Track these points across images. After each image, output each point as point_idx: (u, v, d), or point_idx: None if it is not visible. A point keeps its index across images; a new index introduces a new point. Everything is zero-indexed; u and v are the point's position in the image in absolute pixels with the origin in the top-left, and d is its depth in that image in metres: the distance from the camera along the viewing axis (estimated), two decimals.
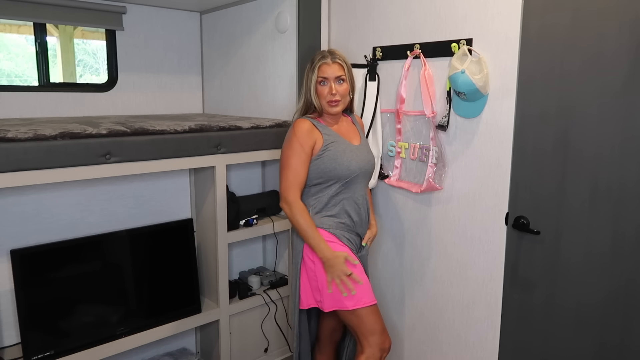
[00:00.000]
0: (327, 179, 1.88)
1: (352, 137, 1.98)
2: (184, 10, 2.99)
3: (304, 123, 1.88)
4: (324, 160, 1.87)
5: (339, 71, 1.86)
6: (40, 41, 2.56)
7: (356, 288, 1.85)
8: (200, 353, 2.68)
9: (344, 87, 1.88)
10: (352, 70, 1.95)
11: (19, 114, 2.47)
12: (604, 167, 1.58)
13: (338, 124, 1.97)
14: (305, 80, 1.91)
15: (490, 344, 1.95)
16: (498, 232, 1.87)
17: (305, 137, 1.86)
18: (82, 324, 2.09)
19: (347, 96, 1.92)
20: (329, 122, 1.95)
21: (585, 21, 1.57)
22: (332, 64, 1.86)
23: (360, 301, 1.86)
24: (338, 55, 1.89)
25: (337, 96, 1.86)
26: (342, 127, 1.99)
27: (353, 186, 1.91)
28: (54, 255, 2.06)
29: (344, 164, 1.86)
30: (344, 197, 1.91)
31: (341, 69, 1.87)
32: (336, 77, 1.86)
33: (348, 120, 2.04)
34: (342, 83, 1.88)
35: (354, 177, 1.90)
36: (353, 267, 1.87)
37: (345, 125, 2.00)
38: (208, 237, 2.43)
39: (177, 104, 3.03)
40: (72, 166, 1.82)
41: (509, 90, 1.76)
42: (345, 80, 1.89)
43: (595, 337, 1.66)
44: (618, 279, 1.59)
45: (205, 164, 2.23)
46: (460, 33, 1.90)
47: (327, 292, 1.87)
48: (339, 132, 1.95)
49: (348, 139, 1.95)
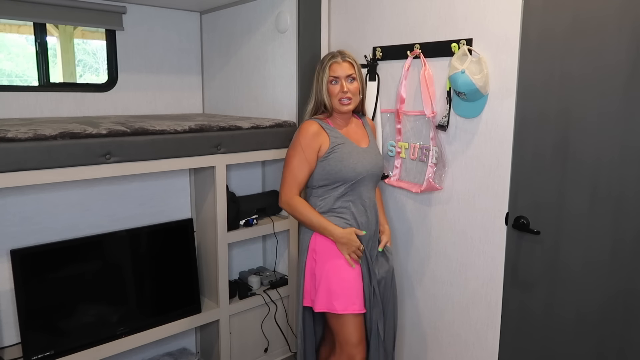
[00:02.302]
0: (333, 180, 1.89)
1: (361, 140, 1.99)
2: (184, 10, 2.99)
3: (310, 125, 1.90)
4: (330, 162, 1.88)
5: (349, 70, 1.89)
6: (40, 41, 2.56)
7: (350, 292, 1.87)
8: (200, 353, 2.68)
9: (355, 86, 1.90)
10: (362, 70, 1.96)
11: (19, 114, 2.47)
12: (604, 166, 1.58)
13: (347, 126, 1.98)
14: (316, 80, 1.93)
15: (490, 344, 1.95)
16: (498, 232, 1.87)
17: (309, 140, 1.87)
18: (82, 324, 2.09)
19: (357, 95, 1.93)
20: (339, 123, 1.96)
21: (585, 21, 1.57)
22: (342, 62, 1.88)
23: (349, 307, 1.87)
24: (348, 55, 1.92)
25: (349, 94, 1.88)
26: (351, 129, 1.99)
27: (359, 188, 1.92)
28: (54, 255, 2.06)
29: (350, 165, 1.87)
30: (351, 199, 1.91)
31: (352, 68, 1.89)
32: (347, 76, 1.88)
33: (358, 123, 2.05)
34: (353, 82, 1.90)
35: (361, 180, 1.90)
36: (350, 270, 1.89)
37: (354, 127, 2.01)
38: (208, 237, 2.43)
39: (177, 104, 3.03)
40: (72, 166, 1.82)
41: (509, 90, 1.76)
42: (356, 79, 1.91)
43: (595, 336, 1.66)
44: (618, 279, 1.59)
45: (205, 164, 2.23)
46: (460, 33, 1.90)
47: (320, 293, 1.89)
48: (347, 134, 1.95)
49: (356, 141, 1.96)
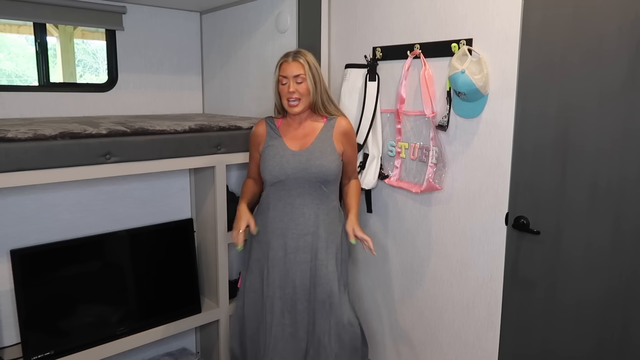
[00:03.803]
0: (262, 178, 2.01)
1: (300, 142, 1.95)
2: (184, 10, 2.99)
3: (257, 124, 2.04)
4: (261, 162, 1.99)
5: (298, 70, 1.85)
6: (40, 41, 2.56)
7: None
8: (200, 353, 2.68)
9: (303, 87, 1.87)
10: (318, 71, 1.90)
11: (19, 114, 2.47)
12: (604, 167, 1.58)
13: (297, 128, 1.96)
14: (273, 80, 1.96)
15: (490, 344, 1.95)
16: (498, 232, 1.87)
17: (252, 138, 2.06)
18: (82, 324, 2.09)
19: (308, 96, 1.89)
20: (290, 123, 1.96)
21: (585, 20, 1.57)
22: (291, 62, 1.86)
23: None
24: (302, 54, 1.88)
25: (296, 94, 1.86)
26: (299, 130, 1.96)
27: (282, 192, 1.93)
28: (54, 255, 2.06)
29: (268, 168, 1.93)
30: (273, 201, 1.96)
31: (300, 68, 1.85)
32: (295, 76, 1.85)
33: (316, 125, 1.97)
34: (301, 82, 1.86)
35: (280, 183, 1.92)
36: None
37: (304, 129, 1.96)
38: (208, 237, 2.43)
39: (177, 104, 3.03)
40: (72, 166, 1.82)
41: (509, 90, 1.76)
42: (305, 80, 1.87)
43: (595, 337, 1.66)
44: (618, 280, 1.59)
45: (205, 164, 2.23)
46: (460, 33, 1.90)
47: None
48: (287, 135, 1.95)
49: (291, 143, 1.94)
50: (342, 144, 1.98)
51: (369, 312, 2.47)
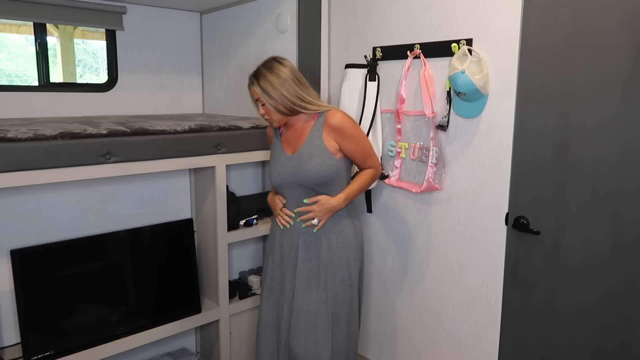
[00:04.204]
0: None
1: (293, 146, 1.89)
2: (184, 10, 2.99)
3: (268, 127, 2.06)
4: None
5: (255, 95, 1.83)
6: (40, 41, 2.56)
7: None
8: (200, 353, 2.69)
9: (267, 108, 1.82)
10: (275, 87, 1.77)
11: (19, 114, 2.47)
12: (604, 166, 1.58)
13: (292, 131, 1.92)
14: None
15: (490, 344, 1.95)
16: (498, 232, 1.87)
17: (267, 139, 2.11)
18: (82, 324, 2.09)
19: (276, 113, 1.82)
20: (288, 126, 1.94)
21: (585, 21, 1.57)
22: (251, 87, 1.84)
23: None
24: (258, 77, 1.80)
25: (266, 115, 1.87)
26: (294, 133, 1.92)
27: (286, 196, 1.93)
28: (54, 255, 2.06)
29: (269, 173, 1.97)
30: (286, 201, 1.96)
31: (256, 93, 1.82)
32: (256, 100, 1.85)
33: (307, 125, 1.88)
34: (264, 104, 1.83)
35: (279, 188, 1.94)
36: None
37: (296, 131, 1.91)
38: (208, 237, 2.43)
39: (177, 104, 3.03)
40: (72, 166, 1.82)
41: (509, 90, 1.76)
42: (266, 104, 1.81)
43: (595, 338, 1.66)
44: (618, 280, 1.59)
45: (205, 164, 2.23)
46: (460, 33, 1.90)
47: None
48: (284, 139, 1.95)
49: (287, 147, 1.92)
50: (334, 141, 1.83)
51: (369, 312, 2.47)
